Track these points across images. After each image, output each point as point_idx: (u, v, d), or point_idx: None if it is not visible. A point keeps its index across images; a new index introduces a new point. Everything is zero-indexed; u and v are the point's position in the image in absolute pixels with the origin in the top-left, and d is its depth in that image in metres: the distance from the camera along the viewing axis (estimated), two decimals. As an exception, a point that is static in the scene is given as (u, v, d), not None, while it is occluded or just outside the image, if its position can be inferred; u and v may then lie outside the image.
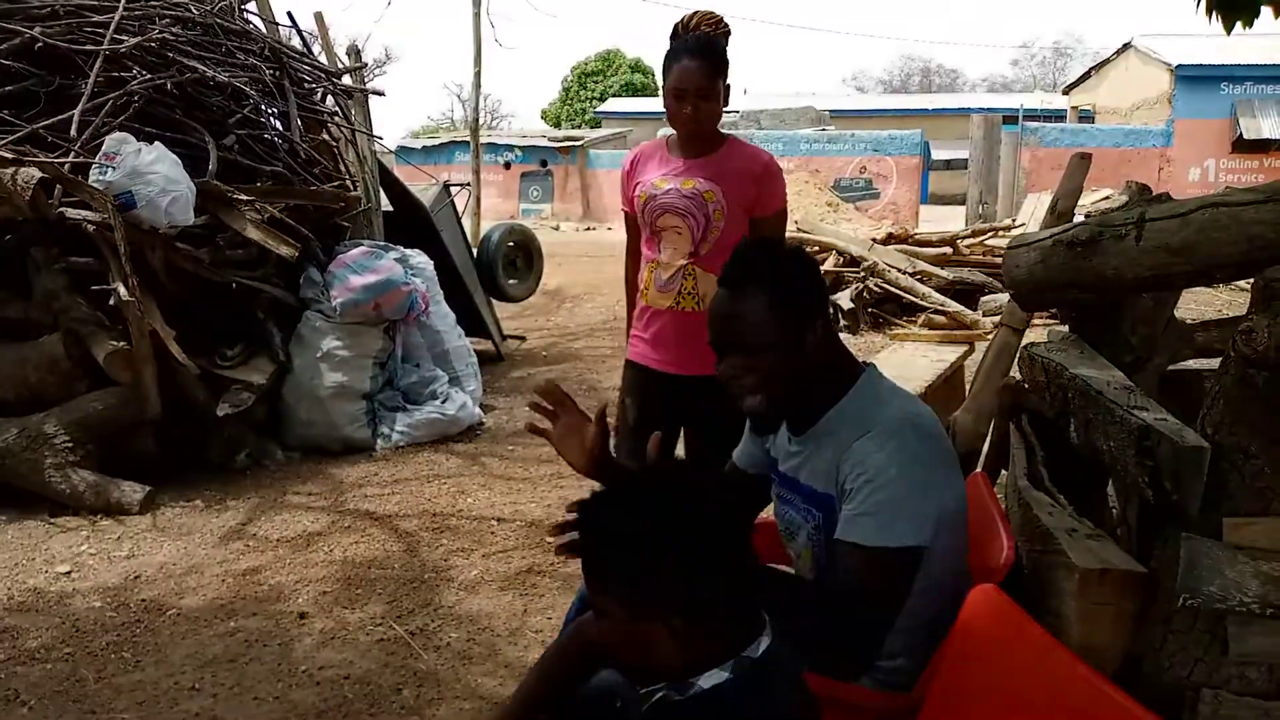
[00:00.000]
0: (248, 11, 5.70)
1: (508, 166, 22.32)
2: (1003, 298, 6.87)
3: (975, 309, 8.10)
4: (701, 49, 2.50)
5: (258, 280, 4.61)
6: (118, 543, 3.58)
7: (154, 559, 3.44)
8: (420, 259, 5.32)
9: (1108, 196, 10.28)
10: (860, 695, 1.54)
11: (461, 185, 7.57)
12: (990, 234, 9.77)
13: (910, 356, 4.84)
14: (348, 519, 3.82)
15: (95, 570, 3.34)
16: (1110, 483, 2.26)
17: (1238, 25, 2.71)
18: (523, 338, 7.62)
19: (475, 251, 7.31)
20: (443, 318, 5.34)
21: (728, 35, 2.67)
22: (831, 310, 1.83)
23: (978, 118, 16.02)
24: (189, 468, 4.37)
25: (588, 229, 19.33)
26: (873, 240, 8.96)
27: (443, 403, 4.91)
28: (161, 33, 4.72)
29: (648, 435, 2.79)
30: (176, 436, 4.38)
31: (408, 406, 4.87)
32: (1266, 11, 2.85)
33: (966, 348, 5.19)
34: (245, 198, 4.47)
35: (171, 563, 3.40)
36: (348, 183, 5.52)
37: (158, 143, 4.22)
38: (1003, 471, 2.56)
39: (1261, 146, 18.54)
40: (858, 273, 8.27)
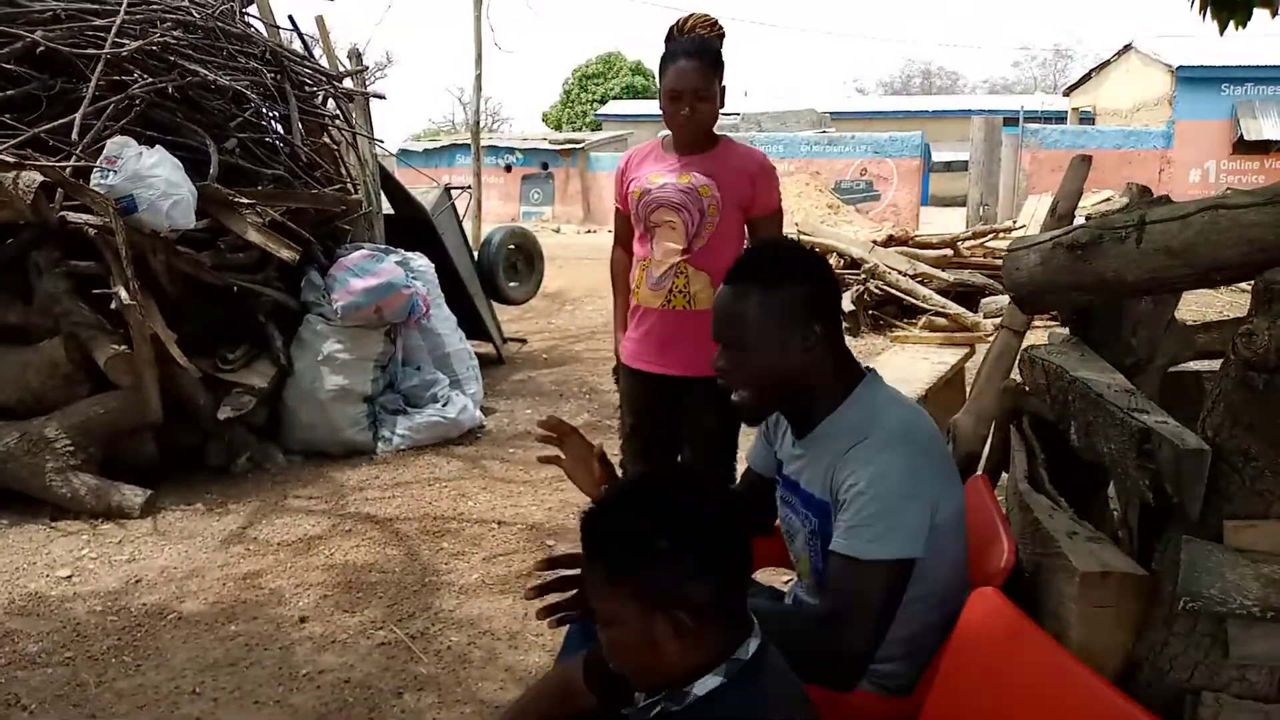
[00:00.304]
0: (249, 15, 5.71)
1: (508, 169, 22.32)
2: (1003, 300, 6.86)
3: (976, 311, 8.09)
4: (698, 50, 2.52)
5: (259, 283, 4.61)
6: (118, 546, 3.58)
7: (155, 563, 3.44)
8: (421, 262, 5.33)
9: (1109, 198, 10.27)
10: (859, 699, 1.53)
11: (462, 188, 7.56)
12: (991, 236, 9.74)
13: (911, 359, 4.84)
14: (348, 522, 3.82)
15: (96, 574, 3.35)
16: (1111, 485, 2.26)
17: (1231, 26, 2.72)
18: (524, 340, 7.62)
19: (476, 254, 7.30)
20: (444, 321, 5.35)
21: (722, 37, 2.68)
22: (835, 319, 1.79)
23: (978, 119, 16.02)
24: (190, 471, 4.38)
25: (589, 231, 19.33)
26: (873, 242, 8.94)
27: (444, 406, 4.91)
28: (163, 36, 4.72)
29: (646, 441, 2.81)
30: (177, 440, 4.39)
31: (409, 410, 4.87)
32: (1264, 12, 2.85)
33: (967, 350, 5.18)
34: (246, 201, 4.47)
35: (172, 566, 3.41)
36: (349, 186, 5.53)
37: (159, 146, 4.23)
38: (1003, 474, 2.56)
39: (1262, 148, 18.53)
40: (858, 275, 8.27)
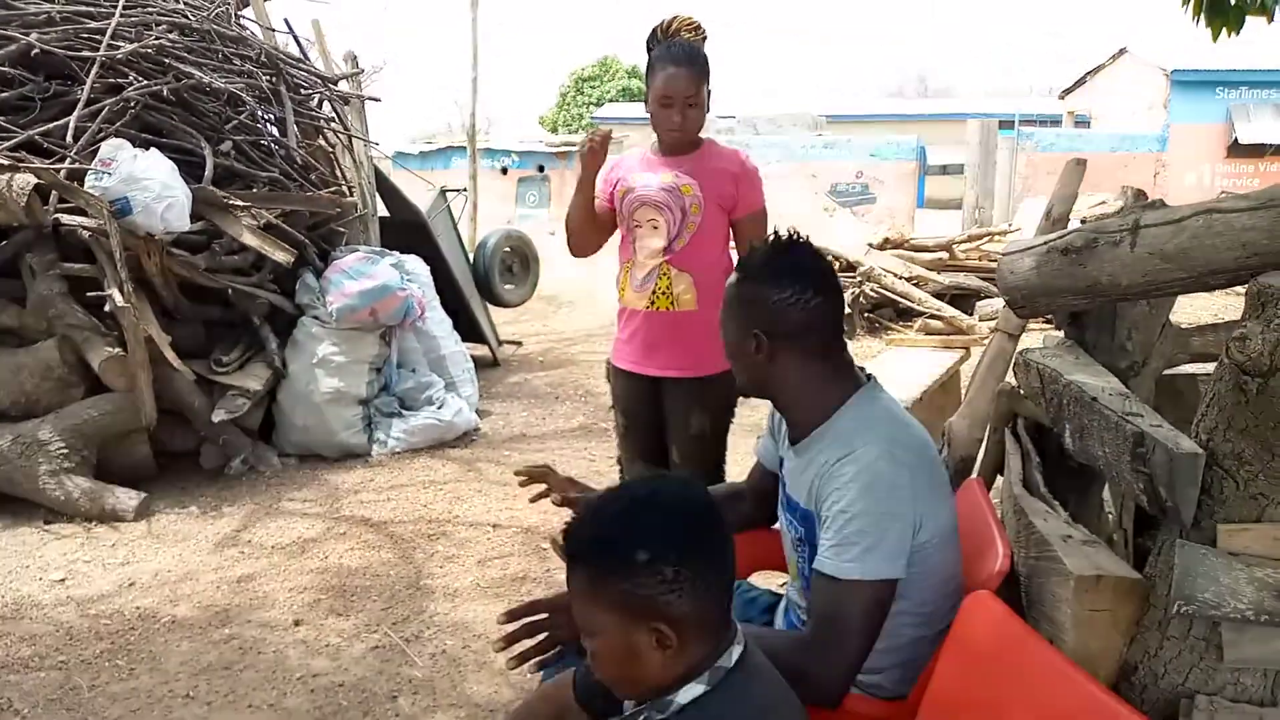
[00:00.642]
0: (244, 18, 5.71)
1: (504, 172, 22.30)
2: (999, 303, 6.86)
3: (971, 314, 8.10)
4: (687, 57, 2.54)
5: (254, 286, 4.60)
6: (112, 550, 3.57)
7: (148, 566, 3.43)
8: (416, 264, 5.32)
9: (1104, 201, 10.27)
10: (853, 702, 1.53)
11: (458, 190, 7.55)
12: (986, 239, 9.74)
13: (906, 362, 4.84)
14: (343, 525, 3.81)
15: (90, 577, 3.34)
16: (1106, 489, 2.26)
17: (1225, 33, 2.72)
18: (519, 343, 7.61)
19: (471, 257, 7.30)
20: (439, 323, 5.34)
21: (704, 40, 2.69)
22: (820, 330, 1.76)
23: (974, 123, 16.00)
24: (184, 474, 4.37)
25: (585, 234, 19.30)
26: (869, 245, 8.94)
27: (439, 408, 4.90)
28: (158, 39, 4.72)
29: (641, 441, 2.81)
30: (172, 443, 4.38)
31: (404, 412, 4.86)
32: (1256, 18, 2.86)
33: (962, 353, 5.18)
34: (241, 203, 4.47)
35: (166, 570, 3.40)
36: (344, 188, 5.52)
37: (154, 149, 4.23)
38: (998, 477, 2.56)
39: (1257, 151, 18.56)
40: (854, 278, 8.27)
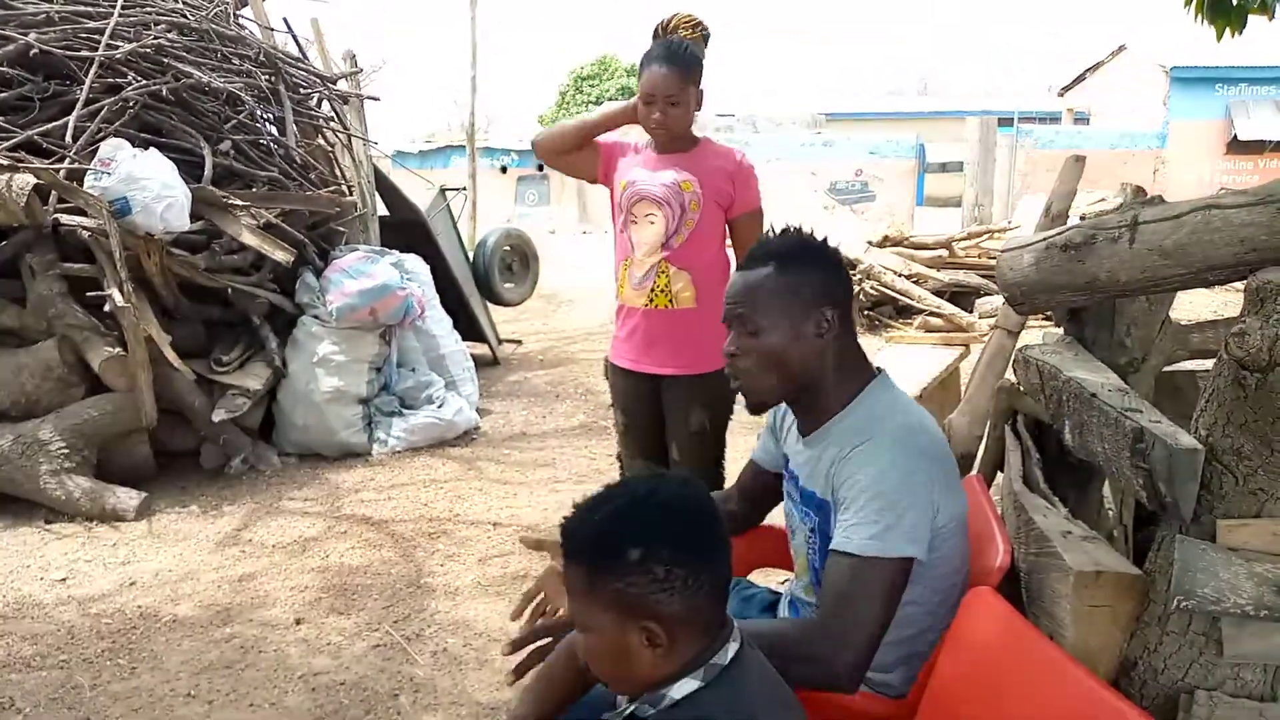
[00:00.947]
0: (243, 17, 5.71)
1: (504, 170, 22.28)
2: (998, 300, 6.87)
3: (971, 311, 8.10)
4: (671, 55, 2.54)
5: (253, 285, 4.60)
6: (113, 549, 3.58)
7: (149, 565, 3.43)
8: (416, 263, 5.33)
9: (1103, 198, 10.26)
10: (853, 700, 1.53)
11: (458, 189, 7.55)
12: (986, 236, 9.73)
13: (906, 359, 4.84)
14: (344, 524, 3.82)
15: (90, 577, 3.34)
16: (1106, 485, 2.27)
17: (1228, 32, 2.72)
18: (519, 341, 7.61)
19: (471, 256, 7.30)
20: (439, 322, 5.35)
21: (707, 37, 2.70)
22: (848, 311, 1.75)
23: (973, 120, 15.99)
24: (185, 473, 4.38)
25: (584, 233, 19.31)
26: (868, 243, 8.95)
27: (439, 407, 4.90)
28: (157, 38, 4.72)
29: (640, 438, 2.81)
30: (172, 442, 4.39)
31: (404, 411, 4.86)
32: (1260, 16, 2.85)
33: (962, 350, 5.18)
34: (241, 203, 4.47)
35: (167, 569, 3.40)
36: (343, 188, 5.52)
37: (153, 148, 4.23)
38: (998, 474, 2.56)
39: (1257, 147, 18.56)
40: (854, 275, 8.28)
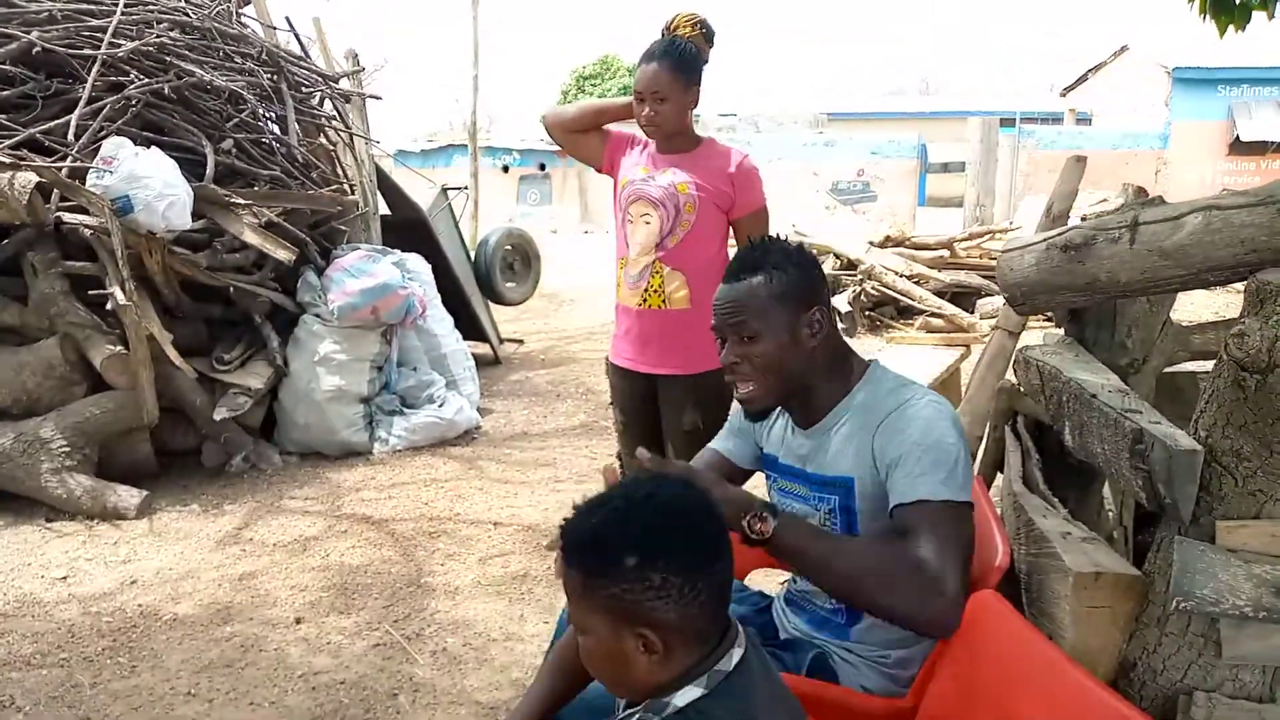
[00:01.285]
0: (245, 16, 5.71)
1: (506, 170, 22.28)
2: (999, 300, 6.86)
3: (972, 312, 8.09)
4: (665, 53, 2.56)
5: (255, 284, 4.61)
6: (114, 548, 3.58)
7: (150, 564, 3.44)
8: (417, 263, 5.33)
9: (1105, 199, 10.25)
10: (854, 699, 1.53)
11: (459, 188, 7.55)
12: (987, 236, 9.73)
13: (907, 359, 4.84)
14: (344, 523, 3.82)
15: (91, 575, 3.34)
16: (1106, 486, 2.27)
17: (1230, 30, 2.72)
18: (520, 341, 7.61)
19: (473, 255, 7.31)
20: (440, 321, 5.35)
21: (710, 36, 2.70)
22: (831, 308, 1.81)
23: (975, 120, 15.98)
24: (186, 472, 4.38)
25: (585, 232, 19.31)
26: (870, 243, 8.94)
27: (440, 406, 4.91)
28: (159, 37, 4.72)
29: (636, 437, 2.82)
30: (173, 441, 4.39)
31: (405, 410, 4.87)
32: (1261, 14, 2.85)
33: (963, 350, 5.19)
34: (243, 202, 4.47)
35: (168, 568, 3.40)
36: (345, 187, 5.52)
37: (155, 147, 4.23)
38: (998, 474, 2.56)
39: (1259, 148, 18.54)
40: (855, 276, 8.28)
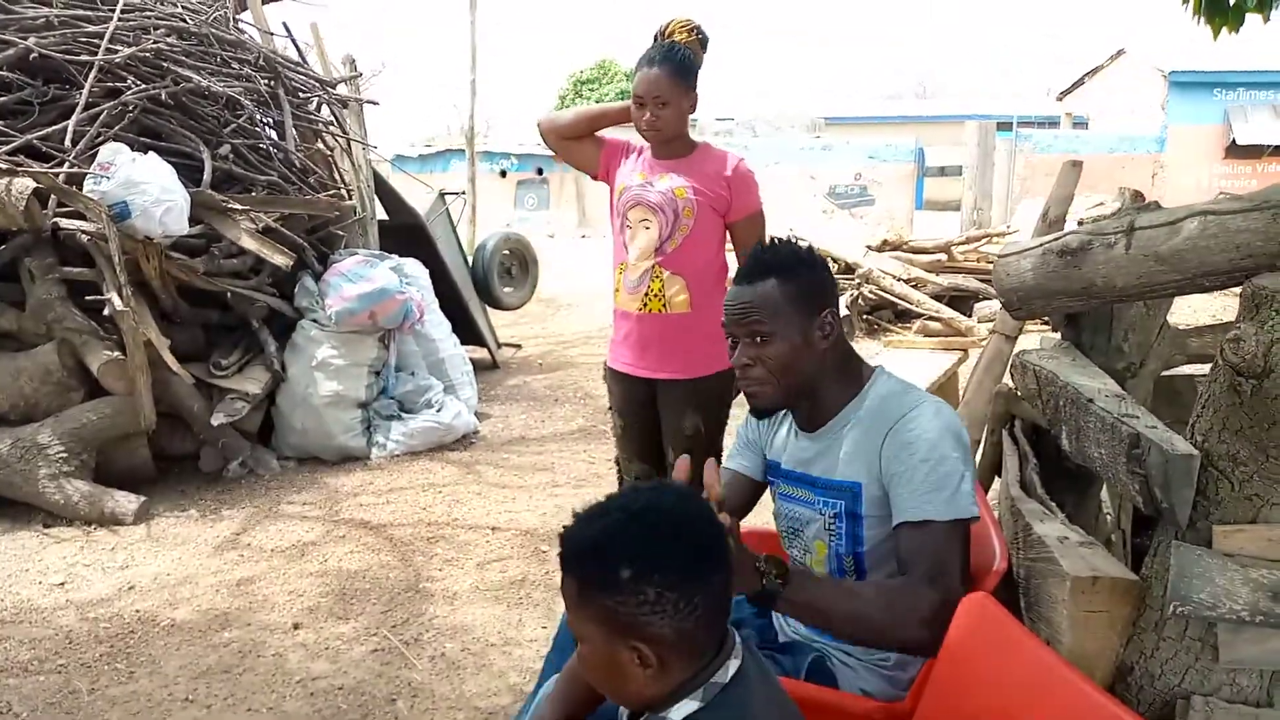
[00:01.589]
0: (242, 22, 5.72)
1: (503, 174, 22.30)
2: (997, 304, 6.86)
3: (970, 316, 8.10)
4: (665, 58, 2.57)
5: (252, 289, 4.61)
6: (112, 553, 3.58)
7: (148, 569, 3.43)
8: (415, 267, 5.33)
9: (1101, 203, 10.28)
10: (853, 703, 1.53)
11: (457, 193, 7.55)
12: (984, 240, 9.74)
13: (904, 363, 4.85)
14: (342, 528, 3.82)
15: (89, 581, 3.34)
16: (1103, 490, 2.27)
17: (1225, 32, 2.73)
18: (518, 345, 7.61)
19: (470, 260, 7.31)
20: (438, 326, 5.35)
21: (704, 42, 2.71)
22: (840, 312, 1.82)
23: (972, 124, 16.01)
24: (184, 477, 4.38)
25: (583, 237, 19.32)
26: (867, 247, 8.95)
27: (438, 411, 4.90)
28: (156, 43, 4.72)
29: (638, 442, 2.82)
30: (171, 446, 4.39)
31: (403, 415, 4.86)
32: (1257, 16, 2.86)
33: (960, 354, 5.19)
34: (240, 207, 4.47)
35: (165, 573, 3.40)
36: (343, 192, 5.53)
37: (152, 153, 4.23)
38: (996, 479, 2.56)
39: (1255, 152, 18.58)
40: (852, 280, 8.28)
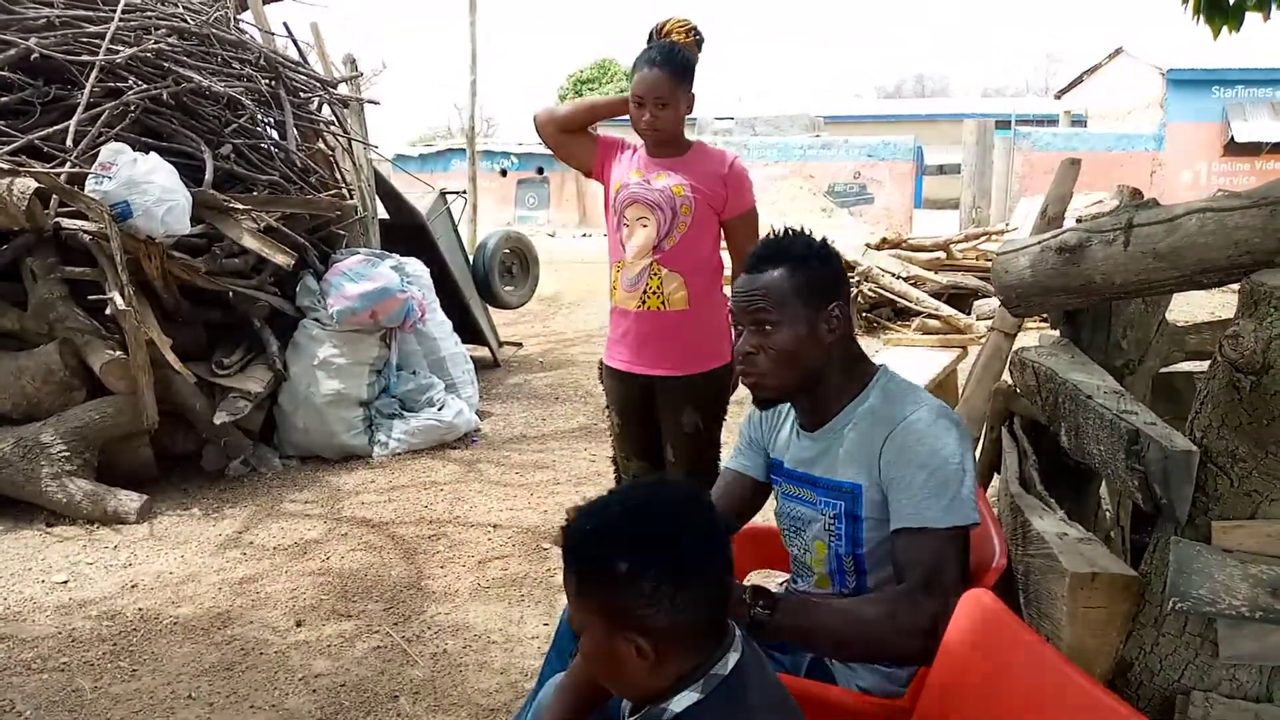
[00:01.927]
0: (243, 22, 5.72)
1: (504, 174, 22.31)
2: (996, 302, 6.87)
3: (969, 313, 8.12)
4: (663, 58, 2.58)
5: (254, 289, 4.62)
6: (114, 552, 3.59)
7: (151, 568, 3.44)
8: (416, 266, 5.34)
9: (1100, 200, 10.29)
10: (851, 700, 1.54)
11: (458, 192, 7.56)
12: (983, 238, 9.76)
13: (903, 361, 4.85)
14: (344, 526, 3.82)
15: (92, 580, 3.35)
16: (1103, 487, 2.28)
17: (1225, 31, 2.74)
18: (519, 344, 7.62)
19: (471, 259, 7.31)
20: (439, 325, 5.36)
21: (700, 42, 2.72)
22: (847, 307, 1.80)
23: (971, 123, 16.02)
24: (186, 476, 4.39)
25: (584, 235, 19.33)
26: (866, 245, 8.96)
27: (439, 410, 4.91)
28: (157, 43, 4.73)
29: (633, 439, 2.83)
30: (173, 445, 4.40)
31: (405, 414, 4.87)
32: (1255, 15, 2.87)
33: (960, 352, 5.20)
34: (241, 207, 4.48)
35: (168, 571, 3.41)
36: (344, 191, 5.53)
37: (154, 153, 4.24)
38: (995, 475, 2.57)
39: (1253, 149, 18.58)
40: (852, 278, 8.29)
